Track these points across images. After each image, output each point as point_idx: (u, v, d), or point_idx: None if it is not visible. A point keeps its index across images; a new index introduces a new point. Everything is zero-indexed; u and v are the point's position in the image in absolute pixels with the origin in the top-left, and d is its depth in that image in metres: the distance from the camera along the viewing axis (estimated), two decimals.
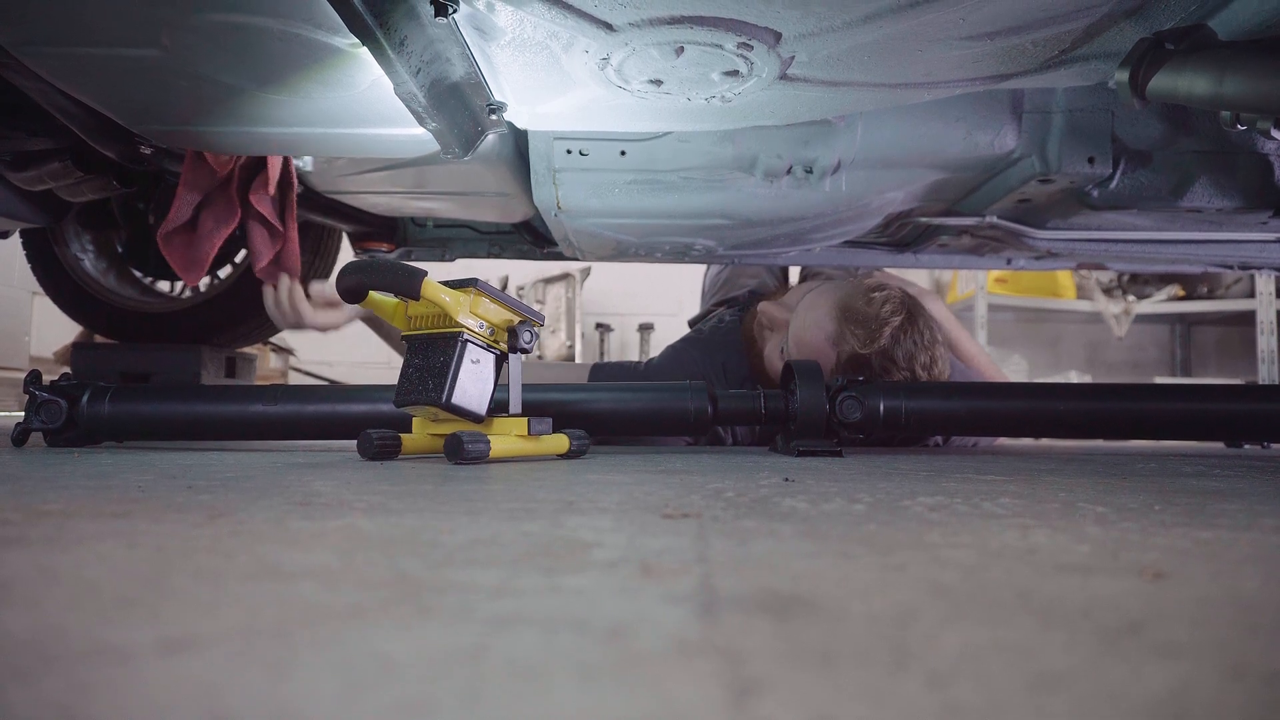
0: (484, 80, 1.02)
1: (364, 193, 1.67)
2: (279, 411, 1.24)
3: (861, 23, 0.88)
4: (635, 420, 1.29)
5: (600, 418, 1.26)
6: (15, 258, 2.63)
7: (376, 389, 1.24)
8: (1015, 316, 4.39)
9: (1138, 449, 1.71)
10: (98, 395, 1.21)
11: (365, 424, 1.16)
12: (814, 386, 1.22)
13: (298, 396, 1.26)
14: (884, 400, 1.25)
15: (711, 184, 1.46)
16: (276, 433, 1.25)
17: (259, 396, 1.26)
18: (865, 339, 1.35)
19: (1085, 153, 1.37)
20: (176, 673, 0.22)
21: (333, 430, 1.24)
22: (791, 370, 1.27)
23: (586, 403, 1.27)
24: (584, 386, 1.33)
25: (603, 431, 1.30)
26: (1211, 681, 0.23)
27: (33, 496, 0.56)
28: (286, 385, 1.29)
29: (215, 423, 1.25)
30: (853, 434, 1.25)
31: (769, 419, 1.27)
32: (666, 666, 0.23)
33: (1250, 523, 0.52)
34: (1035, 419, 1.32)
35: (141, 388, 1.30)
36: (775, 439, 1.56)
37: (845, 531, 0.46)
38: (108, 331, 2.14)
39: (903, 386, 1.29)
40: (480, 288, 0.98)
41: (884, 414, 1.24)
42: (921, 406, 1.26)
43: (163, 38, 0.89)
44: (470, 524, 0.47)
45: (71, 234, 2.10)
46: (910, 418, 1.25)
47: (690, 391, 1.26)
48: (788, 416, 1.26)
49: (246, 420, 1.24)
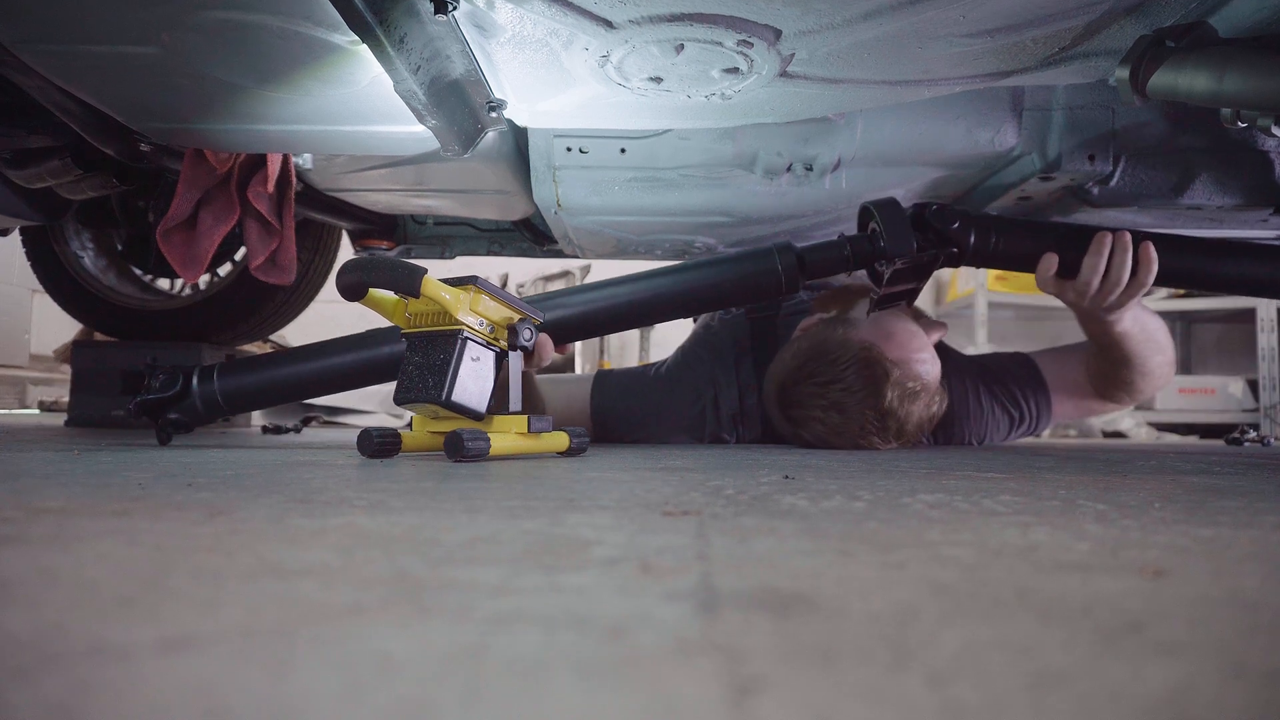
0: (484, 78, 1.01)
1: (364, 190, 1.66)
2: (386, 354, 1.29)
3: (861, 20, 0.88)
4: (730, 294, 1.31)
5: (698, 297, 1.29)
6: (15, 256, 2.64)
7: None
8: (1015, 314, 4.39)
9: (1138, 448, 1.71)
10: (206, 375, 1.30)
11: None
12: (895, 207, 1.25)
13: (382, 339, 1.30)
14: (975, 221, 1.29)
15: (711, 181, 1.46)
16: (378, 376, 1.30)
17: (360, 344, 1.31)
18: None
19: (1086, 150, 1.37)
20: (176, 671, 0.22)
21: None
22: (870, 209, 1.28)
23: (679, 287, 1.29)
24: (673, 271, 1.33)
25: (695, 313, 1.36)
26: (1212, 680, 0.23)
27: (33, 494, 0.56)
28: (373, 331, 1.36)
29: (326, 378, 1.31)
30: (944, 245, 1.27)
31: (858, 262, 1.28)
32: (666, 665, 0.23)
33: (1251, 520, 0.52)
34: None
35: (241, 360, 1.39)
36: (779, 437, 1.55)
37: (845, 529, 0.46)
38: (107, 329, 2.14)
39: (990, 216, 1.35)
40: (480, 285, 0.98)
41: (975, 236, 1.29)
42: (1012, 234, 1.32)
43: (162, 35, 0.89)
44: (470, 522, 0.47)
45: (71, 232, 2.10)
46: (1000, 239, 1.30)
47: (777, 253, 1.27)
48: (876, 253, 1.27)
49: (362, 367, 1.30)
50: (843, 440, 1.33)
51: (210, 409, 1.30)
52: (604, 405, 1.59)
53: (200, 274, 1.58)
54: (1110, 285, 1.30)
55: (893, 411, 1.30)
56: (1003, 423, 1.61)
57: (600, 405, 1.59)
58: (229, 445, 1.26)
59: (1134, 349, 1.46)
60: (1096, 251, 1.28)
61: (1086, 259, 1.29)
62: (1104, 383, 1.57)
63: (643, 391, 1.62)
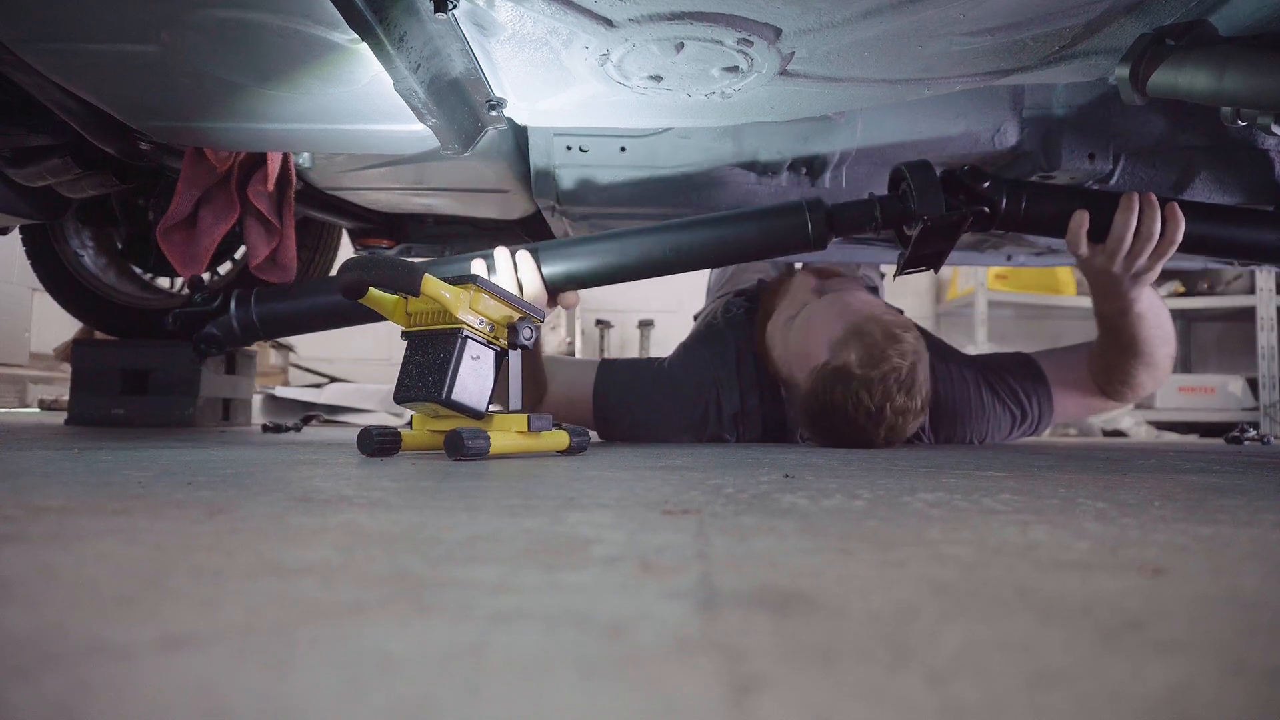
0: (484, 76, 1.01)
1: (363, 189, 1.66)
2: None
3: (861, 18, 0.87)
4: (757, 246, 1.30)
5: (726, 246, 1.29)
6: (15, 254, 2.63)
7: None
8: (1015, 313, 4.39)
9: (1137, 446, 1.71)
10: (244, 299, 1.38)
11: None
12: (928, 168, 1.26)
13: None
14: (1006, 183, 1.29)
15: (711, 180, 1.46)
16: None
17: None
18: (862, 360, 1.30)
19: (1086, 149, 1.37)
20: (176, 670, 0.22)
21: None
22: (902, 170, 1.28)
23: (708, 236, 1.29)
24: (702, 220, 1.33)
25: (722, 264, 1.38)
26: (1212, 679, 0.23)
27: (33, 493, 0.56)
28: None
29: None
30: (976, 202, 1.27)
31: (887, 221, 1.28)
32: (666, 663, 0.23)
33: (1251, 519, 0.52)
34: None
35: (278, 287, 1.45)
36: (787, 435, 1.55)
37: (845, 528, 0.46)
38: (108, 328, 2.14)
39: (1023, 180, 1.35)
40: (480, 284, 0.98)
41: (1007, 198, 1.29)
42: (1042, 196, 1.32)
43: (162, 34, 0.89)
44: (470, 520, 0.47)
45: (71, 230, 2.10)
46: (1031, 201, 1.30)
47: (808, 207, 1.27)
48: (906, 213, 1.27)
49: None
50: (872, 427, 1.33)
51: (246, 331, 1.35)
52: (606, 396, 1.59)
53: (200, 272, 1.58)
54: (1141, 243, 1.29)
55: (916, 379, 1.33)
56: (1004, 420, 1.61)
57: (602, 395, 1.59)
58: (229, 444, 1.26)
59: (1146, 334, 1.45)
60: (1127, 208, 1.28)
61: (1117, 216, 1.29)
62: (1108, 377, 1.57)
63: (646, 387, 1.61)
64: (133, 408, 1.99)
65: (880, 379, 1.29)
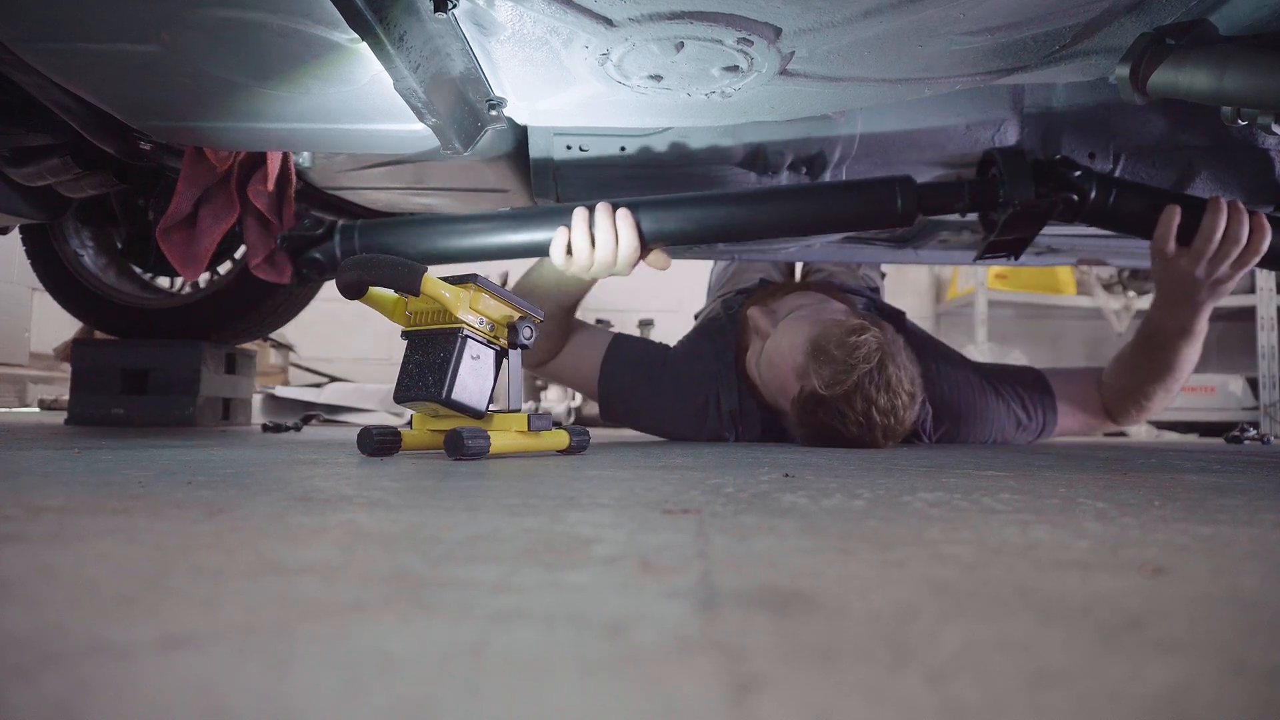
0: (483, 76, 1.01)
1: (363, 188, 1.66)
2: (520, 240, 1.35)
3: (861, 18, 0.87)
4: (847, 218, 1.32)
5: (816, 216, 1.31)
6: (15, 254, 2.63)
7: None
8: (1015, 313, 4.39)
9: (1137, 446, 1.72)
10: (348, 231, 1.41)
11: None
12: (1020, 154, 1.27)
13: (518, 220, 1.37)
14: (1097, 175, 1.30)
15: (711, 179, 1.46)
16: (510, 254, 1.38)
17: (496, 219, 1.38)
18: (828, 381, 1.28)
19: (1086, 148, 1.37)
20: (176, 670, 0.22)
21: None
22: (993, 155, 1.29)
23: (799, 203, 1.31)
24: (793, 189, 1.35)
25: (811, 234, 1.39)
26: (1212, 679, 0.23)
27: (33, 493, 0.56)
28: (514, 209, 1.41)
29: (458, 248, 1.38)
30: (1065, 191, 1.28)
31: (974, 205, 1.29)
32: (666, 663, 0.23)
33: (1251, 518, 0.52)
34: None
35: (382, 221, 1.47)
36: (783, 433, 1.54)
37: (845, 527, 0.46)
38: (108, 328, 2.14)
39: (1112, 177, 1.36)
40: (480, 284, 0.98)
41: (1097, 189, 1.29)
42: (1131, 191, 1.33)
43: (162, 33, 0.89)
44: (470, 520, 0.47)
45: (71, 230, 2.10)
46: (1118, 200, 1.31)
47: (898, 185, 1.29)
48: (994, 199, 1.28)
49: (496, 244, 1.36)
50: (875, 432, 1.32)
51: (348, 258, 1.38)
52: (612, 377, 1.60)
53: (200, 272, 1.58)
54: (1228, 246, 1.29)
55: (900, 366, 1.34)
56: (1008, 423, 1.61)
57: (608, 376, 1.60)
58: (229, 444, 1.26)
59: (1188, 358, 1.47)
60: (1215, 211, 1.28)
61: (1206, 217, 1.28)
62: (1122, 397, 1.58)
63: (651, 374, 1.62)
64: (133, 407, 1.99)
65: (855, 390, 1.27)
